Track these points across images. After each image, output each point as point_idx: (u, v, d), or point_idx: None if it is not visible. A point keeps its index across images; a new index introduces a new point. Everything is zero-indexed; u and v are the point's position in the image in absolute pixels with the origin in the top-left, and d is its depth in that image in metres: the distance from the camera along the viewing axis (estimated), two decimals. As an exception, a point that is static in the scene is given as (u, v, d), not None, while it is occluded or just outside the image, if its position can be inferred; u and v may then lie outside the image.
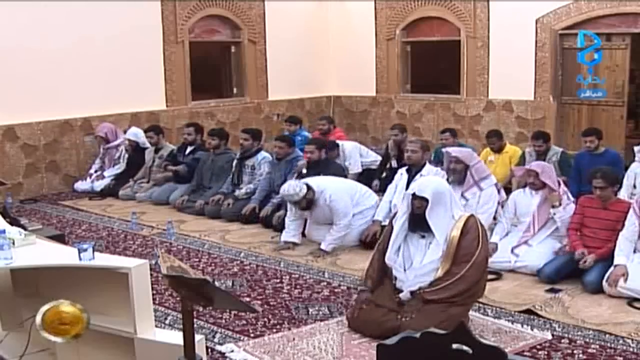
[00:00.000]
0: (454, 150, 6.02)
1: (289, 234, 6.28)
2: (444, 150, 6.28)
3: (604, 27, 9.40)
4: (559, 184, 5.70)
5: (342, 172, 7.08)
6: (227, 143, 8.29)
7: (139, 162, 8.88)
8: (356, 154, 8.60)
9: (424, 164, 6.38)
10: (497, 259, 5.52)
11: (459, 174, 5.92)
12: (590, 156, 7.31)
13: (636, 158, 7.00)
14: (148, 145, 8.88)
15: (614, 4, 9.21)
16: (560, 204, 5.48)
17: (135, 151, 8.91)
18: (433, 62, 11.62)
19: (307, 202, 6.10)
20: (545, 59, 9.84)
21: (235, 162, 7.79)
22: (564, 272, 5.18)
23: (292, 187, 6.04)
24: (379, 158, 8.73)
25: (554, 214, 5.51)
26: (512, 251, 5.53)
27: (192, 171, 8.22)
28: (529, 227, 5.62)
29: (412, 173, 6.34)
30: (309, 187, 6.07)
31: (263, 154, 7.74)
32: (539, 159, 7.51)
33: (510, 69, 10.08)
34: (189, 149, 8.50)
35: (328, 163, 7.09)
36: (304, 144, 9.04)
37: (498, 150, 8.19)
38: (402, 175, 6.47)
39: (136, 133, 8.94)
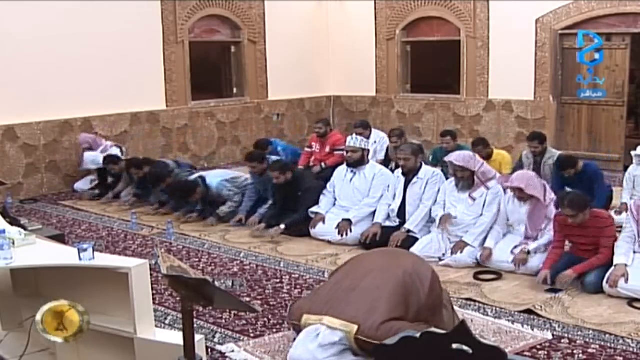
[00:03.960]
0: (457, 160, 5.93)
1: (319, 207, 6.69)
2: (447, 160, 6.20)
3: (604, 27, 9.41)
4: (545, 190, 5.57)
5: (316, 183, 7.05)
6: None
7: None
8: (384, 145, 9.04)
9: (420, 167, 6.39)
10: (497, 260, 5.52)
11: (466, 180, 5.93)
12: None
13: (634, 161, 6.98)
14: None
15: (614, 4, 9.21)
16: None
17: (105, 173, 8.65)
18: (433, 62, 11.62)
19: (361, 158, 6.64)
20: (545, 59, 9.84)
21: None
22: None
23: (357, 140, 6.72)
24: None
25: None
26: (512, 251, 5.52)
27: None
28: (527, 235, 5.59)
29: (409, 176, 6.36)
30: (364, 149, 6.71)
31: None
32: (536, 160, 7.48)
33: (510, 69, 10.09)
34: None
35: (299, 181, 6.86)
36: (291, 154, 9.13)
37: (486, 157, 7.89)
38: (398, 178, 6.48)
39: (93, 160, 8.63)
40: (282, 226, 6.54)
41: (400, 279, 3.85)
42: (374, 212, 6.47)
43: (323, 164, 8.70)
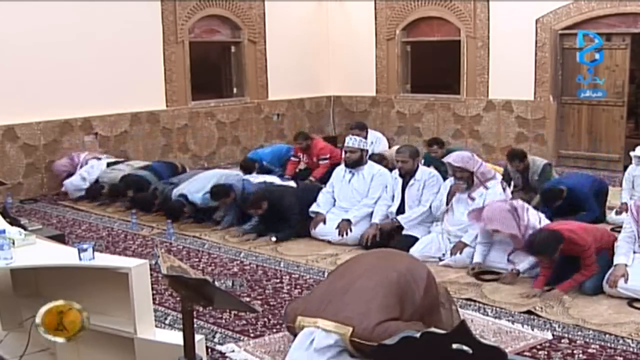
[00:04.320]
0: (455, 161, 5.89)
1: (318, 206, 6.67)
2: (445, 161, 6.13)
3: (604, 27, 9.41)
4: (519, 222, 5.31)
5: (295, 198, 6.72)
6: None
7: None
8: (380, 145, 9.13)
9: (417, 168, 6.37)
10: (493, 262, 5.51)
11: (466, 181, 5.89)
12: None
13: (633, 162, 6.97)
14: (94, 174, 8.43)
15: (614, 4, 9.22)
16: None
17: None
18: (433, 62, 11.62)
19: (360, 158, 6.63)
20: (545, 59, 9.84)
21: None
22: (561, 278, 5.10)
23: (355, 140, 6.64)
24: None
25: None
26: (507, 260, 5.47)
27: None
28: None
29: (406, 178, 6.35)
30: (363, 149, 6.65)
31: None
32: (523, 176, 7.36)
33: (510, 69, 10.09)
34: None
35: (279, 202, 6.63)
36: (278, 160, 8.97)
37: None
38: (396, 179, 6.47)
39: (76, 187, 8.36)
40: (274, 239, 6.48)
41: (394, 280, 3.84)
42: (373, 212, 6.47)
43: (312, 178, 8.48)
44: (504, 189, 6.02)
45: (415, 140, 11.31)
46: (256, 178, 7.54)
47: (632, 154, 7.03)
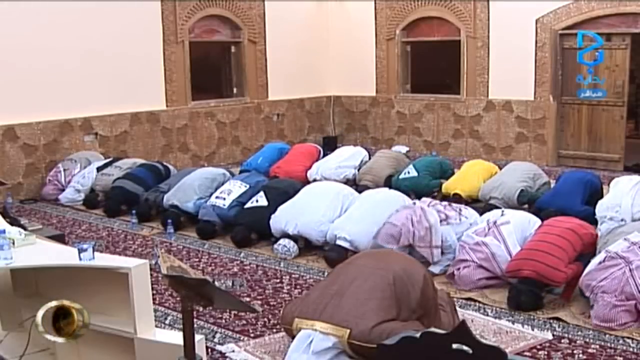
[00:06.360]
0: (383, 242, 5.50)
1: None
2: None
3: (604, 27, 9.42)
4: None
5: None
6: None
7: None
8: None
9: None
10: None
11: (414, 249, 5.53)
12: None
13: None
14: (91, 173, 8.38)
15: (614, 4, 9.22)
16: None
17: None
18: (433, 62, 11.63)
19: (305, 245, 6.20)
20: (545, 59, 9.84)
21: None
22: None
23: (284, 247, 6.05)
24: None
25: None
26: None
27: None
28: None
29: None
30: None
31: None
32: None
33: (510, 69, 10.10)
34: None
35: (263, 225, 6.37)
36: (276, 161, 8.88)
37: None
38: None
39: (71, 199, 8.26)
40: (273, 239, 6.45)
41: (390, 282, 3.83)
42: None
43: None
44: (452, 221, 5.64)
45: (415, 140, 11.33)
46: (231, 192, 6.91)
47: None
